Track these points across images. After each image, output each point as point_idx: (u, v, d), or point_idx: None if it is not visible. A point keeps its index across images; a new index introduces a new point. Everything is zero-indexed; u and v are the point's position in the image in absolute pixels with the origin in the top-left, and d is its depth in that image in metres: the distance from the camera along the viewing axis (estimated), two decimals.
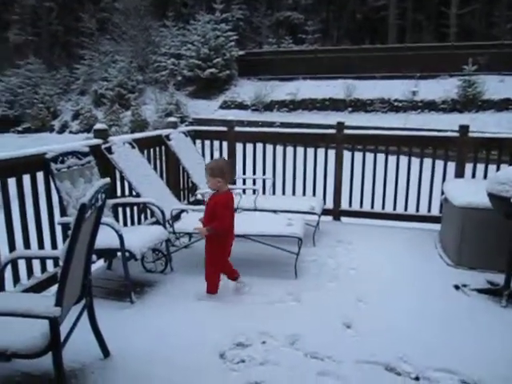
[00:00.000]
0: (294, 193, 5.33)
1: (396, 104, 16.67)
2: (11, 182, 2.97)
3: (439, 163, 4.83)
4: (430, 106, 16.13)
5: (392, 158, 4.94)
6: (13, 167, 2.97)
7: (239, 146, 5.47)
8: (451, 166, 4.80)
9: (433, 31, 24.01)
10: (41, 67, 24.97)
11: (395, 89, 16.89)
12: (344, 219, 5.28)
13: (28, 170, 3.10)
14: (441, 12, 22.85)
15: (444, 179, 4.76)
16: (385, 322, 2.92)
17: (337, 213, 5.24)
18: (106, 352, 2.51)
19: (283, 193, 5.37)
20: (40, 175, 3.22)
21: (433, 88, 16.51)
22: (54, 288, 2.65)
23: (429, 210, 4.96)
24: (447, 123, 13.15)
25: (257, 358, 2.53)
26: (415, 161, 4.92)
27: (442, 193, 4.42)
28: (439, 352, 2.60)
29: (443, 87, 16.18)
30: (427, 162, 4.87)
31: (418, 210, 5.02)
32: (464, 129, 4.69)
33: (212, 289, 3.30)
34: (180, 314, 3.02)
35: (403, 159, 4.95)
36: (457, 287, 3.46)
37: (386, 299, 3.26)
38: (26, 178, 3.09)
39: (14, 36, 28.14)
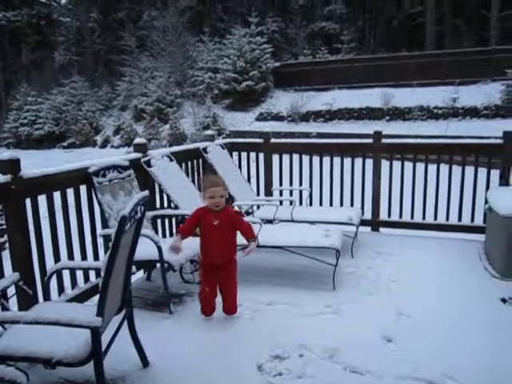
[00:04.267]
0: (331, 203, 5.27)
1: (436, 111, 16.27)
2: (56, 195, 3.08)
3: (482, 171, 4.67)
4: (472, 113, 15.65)
5: (432, 167, 4.82)
6: (58, 181, 3.09)
7: (275, 158, 5.49)
8: (495, 173, 4.62)
9: (473, 36, 23.38)
10: (84, 85, 26.02)
11: (434, 96, 16.51)
12: (383, 230, 5.17)
13: (72, 184, 3.22)
14: (481, 15, 22.26)
15: (488, 188, 4.59)
16: (428, 337, 2.83)
17: (375, 223, 5.14)
18: (145, 362, 2.55)
19: (320, 204, 5.33)
20: (83, 188, 3.33)
21: (474, 94, 16.04)
22: (97, 298, 2.73)
23: (472, 220, 4.79)
24: (490, 130, 12.72)
25: (294, 371, 2.51)
26: (457, 169, 4.77)
27: (486, 202, 4.26)
28: (487, 368, 2.48)
29: (485, 93, 15.68)
30: (469, 169, 4.71)
31: (460, 220, 4.86)
32: (509, 135, 4.52)
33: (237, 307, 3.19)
34: (218, 325, 3.03)
35: (444, 168, 4.81)
36: (504, 300, 3.31)
37: (429, 313, 3.15)
38: (70, 192, 3.21)
39: (59, 56, 29.51)
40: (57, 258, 3.08)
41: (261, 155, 5.51)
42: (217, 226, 2.94)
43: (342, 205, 5.22)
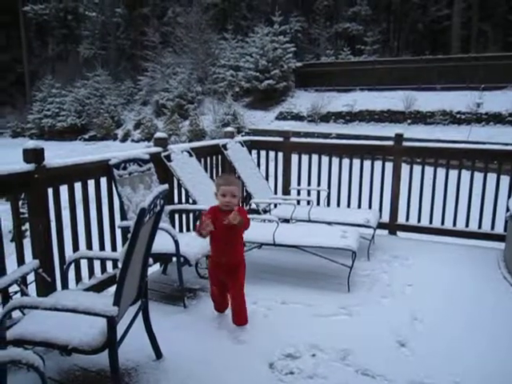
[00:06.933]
0: (348, 205, 5.25)
1: (458, 116, 16.02)
2: (77, 187, 3.13)
3: (505, 178, 4.58)
4: (496, 119, 15.37)
5: (453, 172, 4.75)
6: (80, 172, 3.14)
7: (294, 157, 5.47)
8: None
9: (500, 41, 22.96)
10: (107, 79, 26.35)
11: (458, 100, 16.25)
12: (400, 234, 5.12)
13: (93, 175, 3.27)
14: (509, 20, 21.82)
15: (510, 195, 4.50)
16: (442, 344, 2.79)
17: (393, 227, 5.09)
18: (158, 353, 2.58)
19: (338, 205, 5.30)
20: (103, 180, 3.38)
21: (499, 100, 15.73)
22: (113, 288, 2.77)
23: (492, 228, 4.71)
24: None
25: (305, 371, 2.50)
26: (478, 176, 4.69)
27: (508, 210, 4.18)
28: (500, 379, 2.45)
29: (510, 99, 15.37)
30: (491, 177, 4.63)
31: (480, 227, 4.78)
32: None
33: (246, 318, 3.03)
34: (231, 321, 3.04)
35: (465, 174, 4.74)
36: None
37: (444, 319, 3.11)
38: (91, 183, 3.26)
39: (84, 50, 29.93)
40: (75, 248, 3.13)
41: (280, 154, 5.50)
42: (226, 225, 2.80)
43: (359, 207, 5.18)
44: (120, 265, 2.04)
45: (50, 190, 2.91)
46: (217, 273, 3.01)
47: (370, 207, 5.12)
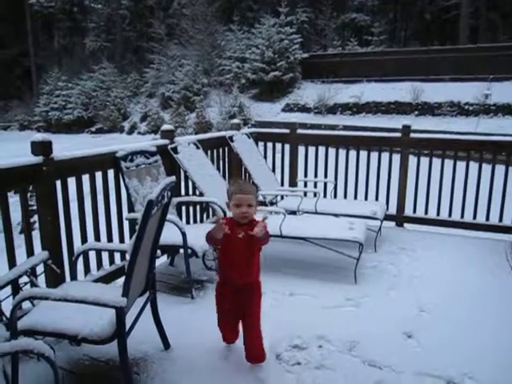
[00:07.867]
0: (355, 197, 5.23)
1: (466, 107, 15.87)
2: (84, 179, 3.15)
3: None
4: (505, 110, 15.20)
5: (461, 164, 4.72)
6: (87, 164, 3.15)
7: (301, 149, 5.46)
8: None
9: (509, 31, 22.64)
10: (113, 71, 26.31)
11: (466, 91, 16.08)
12: (407, 226, 5.10)
13: (100, 168, 3.28)
14: None
15: None
16: (449, 335, 2.79)
17: (400, 219, 5.08)
18: (166, 344, 2.60)
19: (345, 196, 5.29)
20: (111, 173, 3.39)
21: (508, 91, 15.55)
22: (121, 280, 2.79)
23: (500, 220, 4.68)
24: None
25: (312, 362, 2.51)
26: (486, 167, 4.65)
27: None
28: (507, 371, 2.44)
29: None
30: (499, 168, 4.59)
31: (488, 219, 4.75)
32: None
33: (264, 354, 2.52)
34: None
35: (473, 165, 4.71)
36: None
37: (451, 311, 3.11)
38: (98, 175, 3.27)
39: (90, 42, 29.90)
40: (84, 240, 3.15)
41: (286, 146, 5.48)
42: (242, 240, 2.36)
43: (366, 199, 5.17)
44: (128, 256, 2.06)
45: (58, 183, 2.91)
46: (232, 299, 2.48)
47: (376, 199, 5.11)
